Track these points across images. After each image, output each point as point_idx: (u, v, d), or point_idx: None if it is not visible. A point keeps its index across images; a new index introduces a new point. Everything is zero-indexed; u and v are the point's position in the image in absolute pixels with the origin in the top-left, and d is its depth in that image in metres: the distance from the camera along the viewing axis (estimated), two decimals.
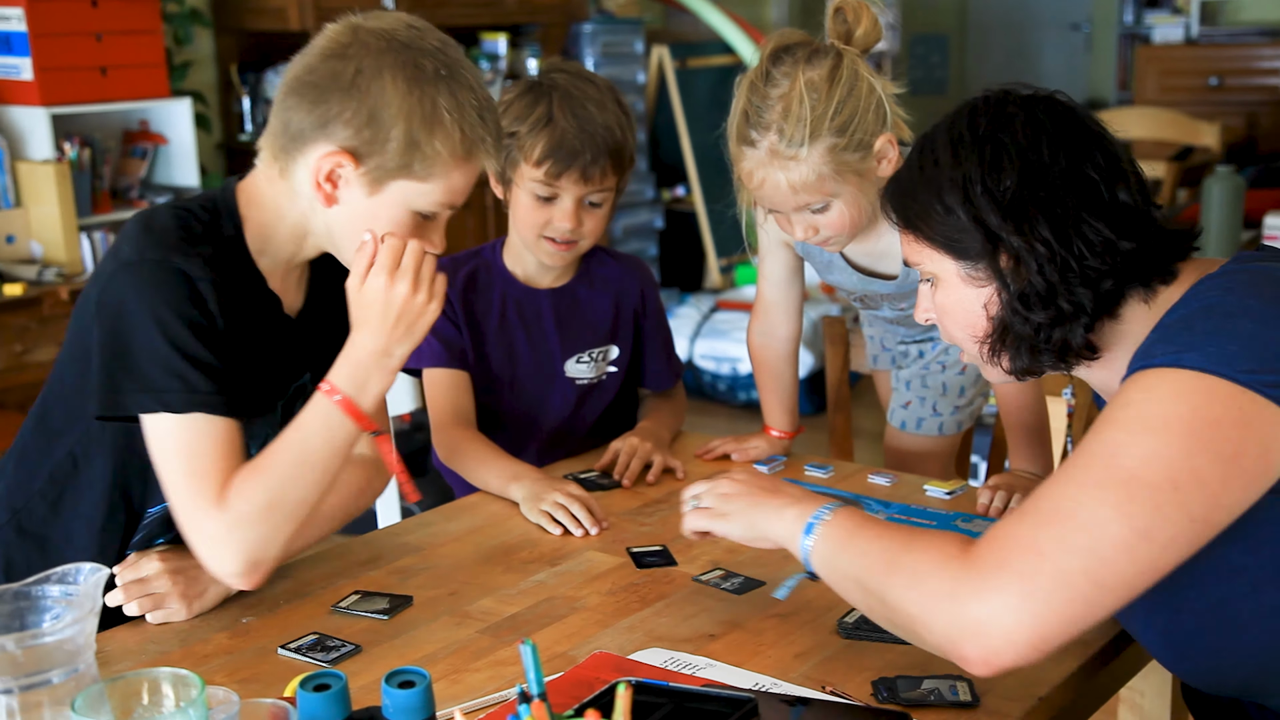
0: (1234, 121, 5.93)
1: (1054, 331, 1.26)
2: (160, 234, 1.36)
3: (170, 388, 1.34)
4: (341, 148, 1.37)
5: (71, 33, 4.05)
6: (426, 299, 1.39)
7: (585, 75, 1.95)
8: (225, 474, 1.36)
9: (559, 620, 1.48)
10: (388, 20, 1.41)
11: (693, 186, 6.08)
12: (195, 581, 1.45)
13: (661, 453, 1.96)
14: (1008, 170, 1.23)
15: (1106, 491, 1.10)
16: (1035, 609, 1.10)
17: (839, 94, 1.68)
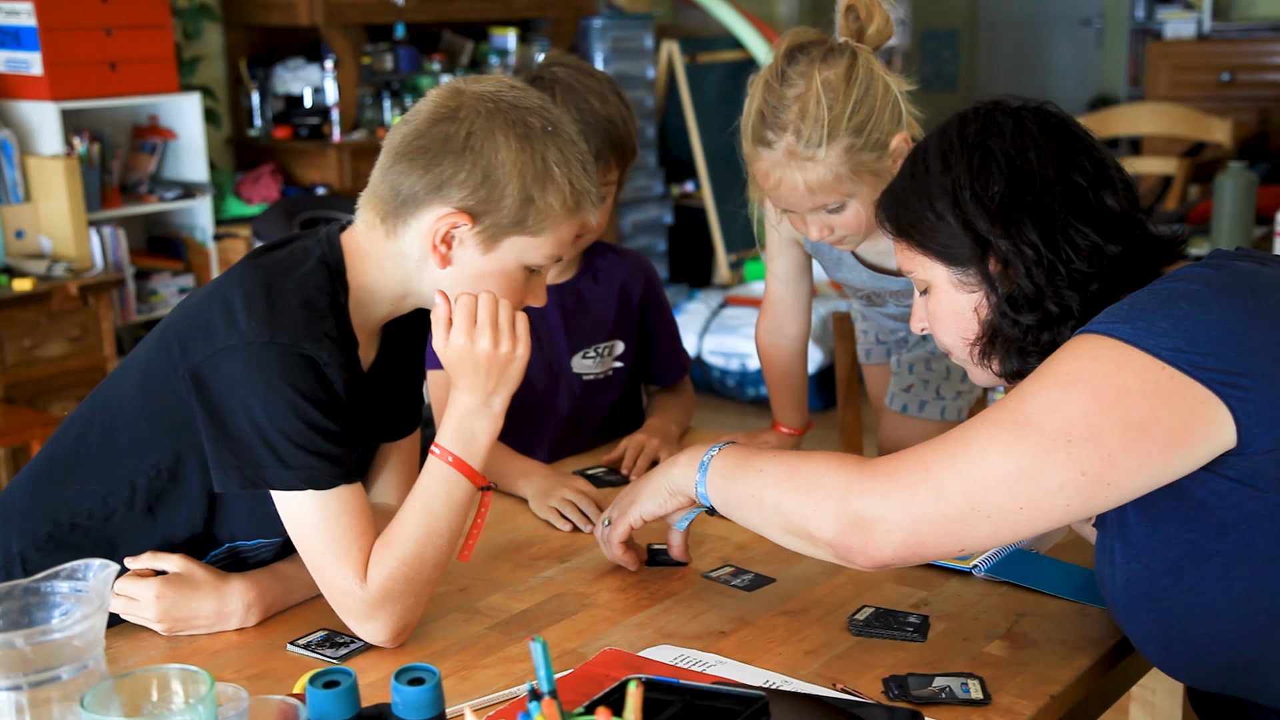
0: (1246, 117, 5.89)
1: (1042, 334, 1.28)
2: (289, 316, 1.35)
3: (312, 465, 1.34)
4: (457, 208, 1.39)
5: (81, 27, 4.05)
6: (511, 346, 1.40)
7: (585, 69, 1.95)
8: (365, 543, 1.37)
9: (569, 617, 1.48)
10: (489, 83, 1.43)
11: (702, 182, 6.07)
12: (182, 621, 1.43)
13: (670, 449, 1.96)
14: (996, 176, 1.27)
15: (1002, 429, 1.18)
16: (913, 513, 1.21)
17: (856, 94, 1.67)
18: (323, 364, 1.36)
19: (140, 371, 1.44)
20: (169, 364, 1.38)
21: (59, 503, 1.47)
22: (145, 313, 4.38)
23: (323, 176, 4.80)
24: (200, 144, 4.44)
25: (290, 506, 1.37)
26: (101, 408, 1.48)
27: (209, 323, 1.36)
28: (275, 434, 1.33)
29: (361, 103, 4.99)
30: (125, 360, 1.51)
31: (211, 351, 1.35)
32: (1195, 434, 1.14)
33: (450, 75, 5.33)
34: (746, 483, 1.35)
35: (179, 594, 1.42)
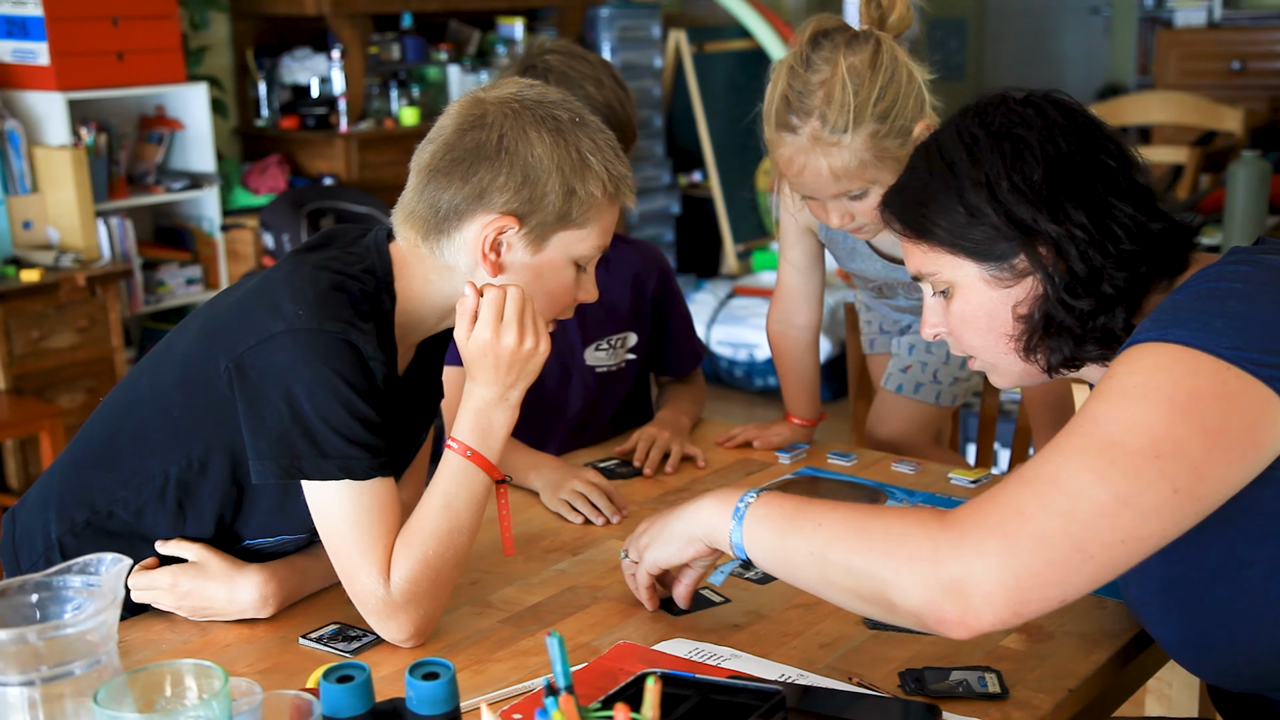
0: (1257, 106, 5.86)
1: (1099, 318, 1.25)
2: (335, 306, 1.35)
3: (351, 455, 1.33)
4: (503, 213, 1.38)
5: (88, 17, 4.04)
6: (534, 344, 1.39)
7: (577, 53, 1.92)
8: (391, 538, 1.36)
9: (582, 610, 1.47)
10: (507, 86, 1.43)
11: (710, 172, 6.05)
12: (198, 608, 1.43)
13: (682, 441, 1.95)
14: (1031, 163, 1.23)
15: (1088, 457, 1.10)
16: (1015, 568, 1.08)
17: (881, 80, 1.67)
18: (367, 355, 1.35)
19: (179, 364, 1.43)
20: (210, 356, 1.37)
21: (96, 490, 1.47)
22: (153, 303, 4.38)
23: (330, 167, 4.79)
24: (207, 134, 4.44)
25: (321, 498, 1.35)
26: (138, 397, 1.47)
27: (254, 314, 1.36)
28: (316, 420, 1.32)
29: (368, 92, 4.98)
30: (158, 350, 1.49)
31: (256, 341, 1.34)
32: (1265, 435, 1.10)
33: (457, 65, 5.31)
34: (803, 539, 1.22)
35: (194, 581, 1.42)
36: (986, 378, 2.12)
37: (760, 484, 1.84)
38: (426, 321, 1.47)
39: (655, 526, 1.40)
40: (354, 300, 1.37)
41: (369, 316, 1.37)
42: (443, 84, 5.31)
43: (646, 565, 1.40)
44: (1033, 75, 9.37)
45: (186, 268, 4.47)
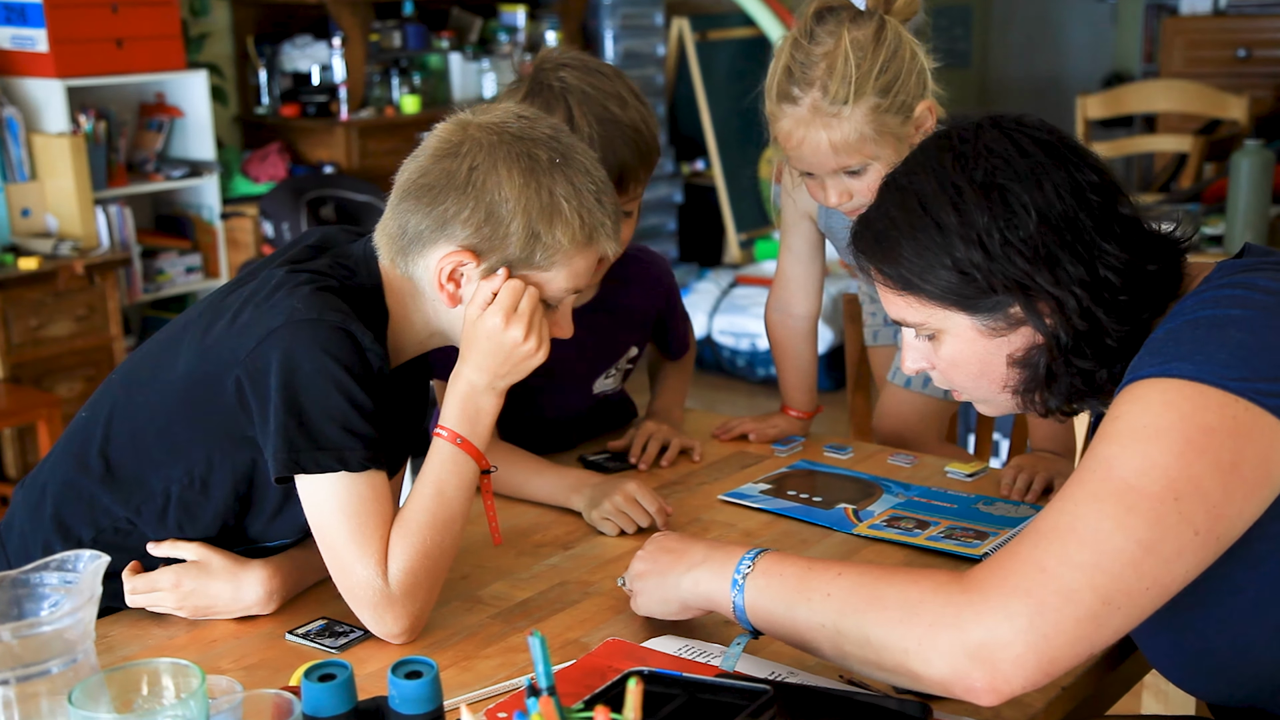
0: (1262, 94, 5.81)
1: (1100, 373, 1.21)
2: (334, 303, 1.34)
3: (347, 445, 1.32)
4: (462, 247, 1.36)
5: (87, 4, 4.03)
6: (535, 346, 1.38)
7: (593, 66, 1.78)
8: (386, 530, 1.35)
9: (572, 606, 1.46)
10: (496, 113, 1.39)
11: (713, 160, 6.03)
12: (201, 608, 1.42)
13: (678, 436, 1.93)
14: (1022, 216, 1.17)
15: (1105, 504, 1.06)
16: (1043, 628, 1.04)
17: (884, 54, 1.66)
18: (365, 347, 1.34)
19: (181, 381, 1.40)
20: (214, 372, 1.36)
21: (99, 509, 1.45)
22: (152, 292, 4.37)
23: (330, 155, 4.78)
24: (207, 122, 4.42)
25: (316, 491, 1.34)
26: (137, 414, 1.44)
27: (252, 321, 1.35)
28: (313, 411, 1.31)
29: (369, 80, 4.96)
30: (151, 363, 1.46)
31: (256, 342, 1.33)
32: (1276, 466, 1.07)
33: (459, 53, 5.29)
34: (812, 611, 1.17)
35: (196, 581, 1.40)
36: None
37: (755, 477, 1.83)
38: (413, 341, 1.46)
39: (654, 577, 1.33)
40: (352, 305, 1.37)
41: (367, 325, 1.37)
42: (444, 72, 5.29)
43: (640, 611, 1.36)
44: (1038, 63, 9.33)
45: (186, 256, 4.47)
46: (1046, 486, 1.73)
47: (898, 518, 1.66)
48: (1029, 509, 1.68)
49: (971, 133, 1.22)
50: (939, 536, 1.59)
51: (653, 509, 1.65)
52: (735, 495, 1.76)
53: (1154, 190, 4.83)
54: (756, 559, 1.24)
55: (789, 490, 1.78)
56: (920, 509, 1.69)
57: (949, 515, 1.66)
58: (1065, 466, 1.78)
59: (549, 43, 5.65)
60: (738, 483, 1.82)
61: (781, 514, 1.70)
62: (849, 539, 1.62)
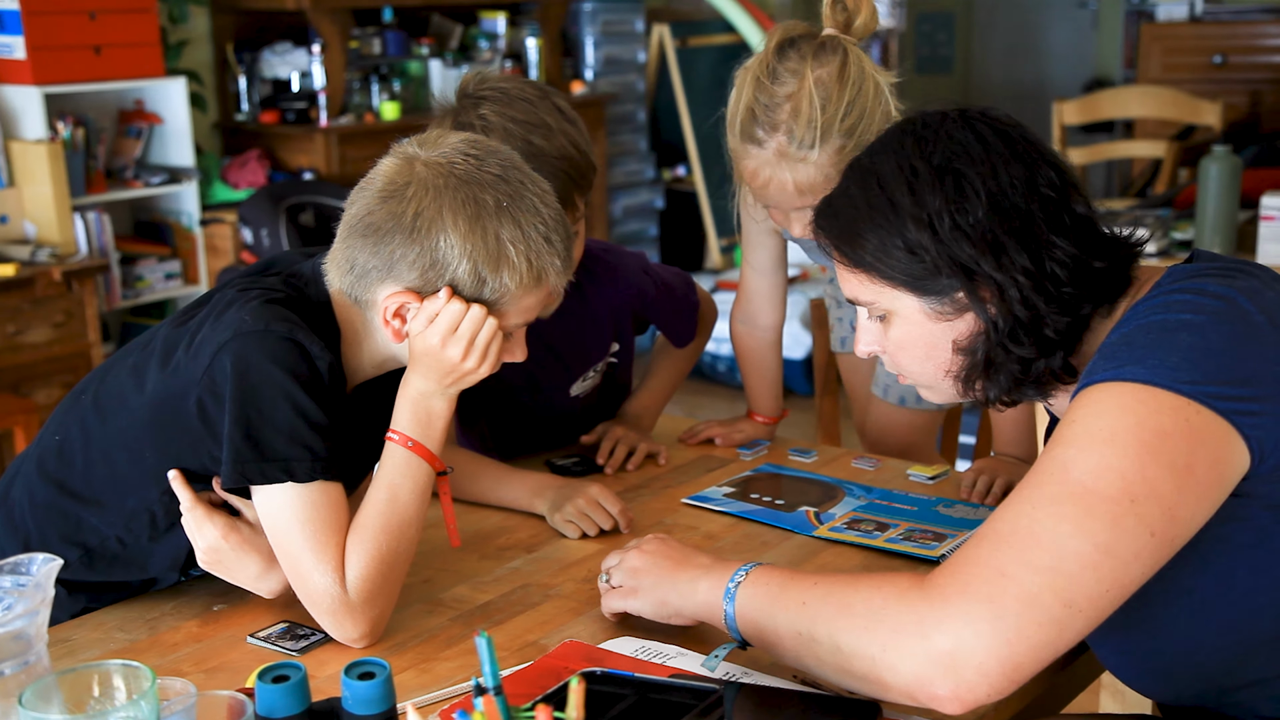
0: (1237, 100, 5.86)
1: (1039, 363, 1.23)
2: (283, 314, 1.35)
3: (296, 456, 1.33)
4: (407, 289, 1.37)
5: (65, 11, 4.03)
6: (476, 364, 1.39)
7: (515, 95, 1.70)
8: (342, 537, 1.36)
9: (532, 608, 1.47)
10: (445, 148, 1.38)
11: (693, 166, 6.05)
12: (224, 569, 1.42)
13: (645, 440, 1.95)
14: (974, 200, 1.20)
15: (1063, 507, 1.07)
16: (1006, 634, 1.05)
17: (849, 94, 1.66)
18: (314, 355, 1.35)
19: (147, 405, 1.41)
20: (176, 391, 1.37)
21: (86, 529, 1.46)
22: (131, 298, 4.37)
23: (310, 161, 4.79)
24: (186, 128, 4.43)
25: (267, 501, 1.35)
26: (109, 438, 1.45)
27: (206, 338, 1.36)
28: (260, 422, 1.32)
29: (349, 87, 4.97)
30: (112, 386, 1.46)
31: (210, 359, 1.34)
32: (1227, 469, 1.10)
33: (439, 59, 5.30)
34: (790, 618, 1.18)
35: (235, 548, 1.40)
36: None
37: (720, 481, 1.85)
38: (367, 365, 1.46)
39: (653, 578, 1.34)
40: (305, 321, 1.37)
41: (319, 340, 1.37)
42: (424, 78, 5.30)
43: (629, 609, 1.37)
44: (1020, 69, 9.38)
45: (165, 262, 4.47)
46: (1006, 489, 1.75)
47: (858, 520, 1.68)
48: (988, 511, 1.70)
49: (936, 119, 1.25)
50: (898, 539, 1.61)
51: (615, 511, 1.67)
52: (699, 498, 1.78)
53: (1130, 195, 4.86)
54: (751, 570, 1.25)
55: (752, 493, 1.80)
56: (881, 511, 1.71)
57: (909, 518, 1.68)
58: (1025, 471, 1.79)
59: (529, 50, 5.66)
60: (702, 486, 1.83)
61: (744, 517, 1.72)
62: (809, 541, 1.64)
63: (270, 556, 1.40)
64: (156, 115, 4.44)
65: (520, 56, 5.68)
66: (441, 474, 1.42)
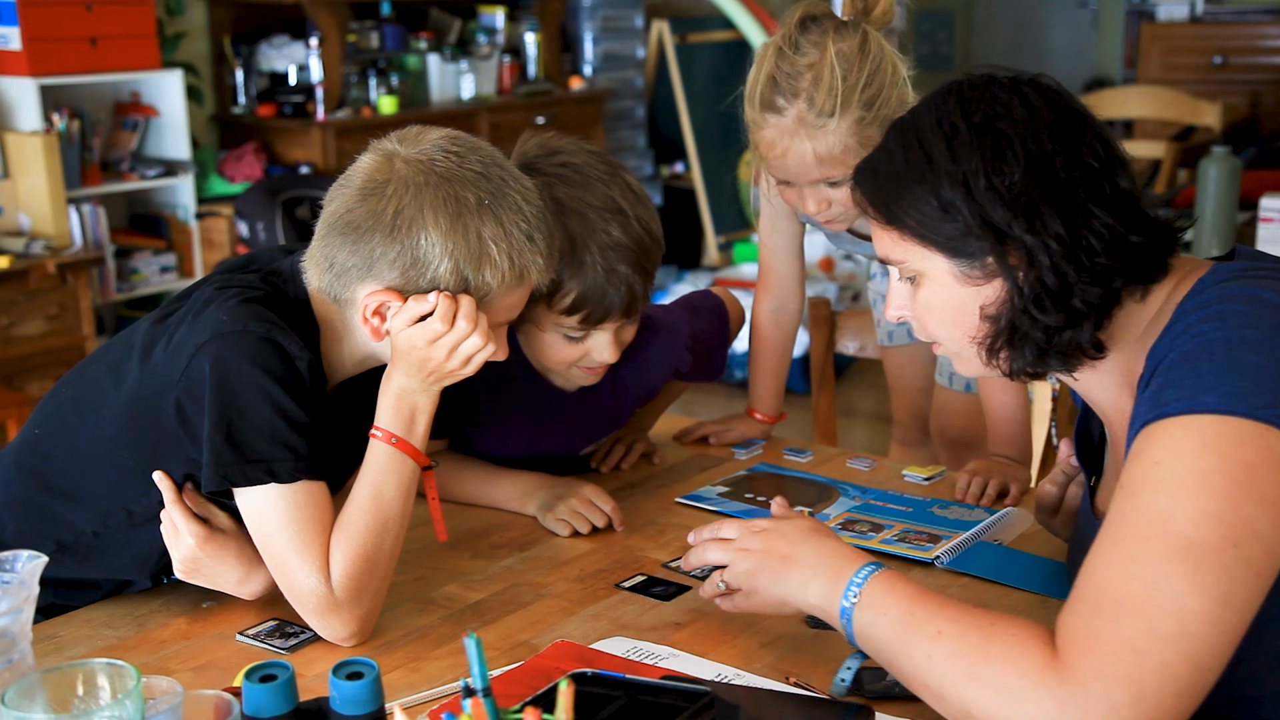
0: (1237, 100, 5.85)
1: (1065, 333, 1.19)
2: (261, 313, 1.34)
3: (276, 457, 1.32)
4: (387, 287, 1.35)
5: (61, 3, 4.02)
6: (459, 366, 1.38)
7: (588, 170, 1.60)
8: (326, 536, 1.35)
9: (524, 607, 1.46)
10: (426, 145, 1.36)
11: (692, 163, 6.04)
12: (203, 575, 1.40)
13: (641, 440, 1.94)
14: (1012, 163, 1.16)
15: (1173, 565, 1.03)
16: (1149, 713, 1.02)
17: (869, 67, 1.67)
18: (293, 355, 1.34)
19: (125, 405, 1.40)
20: (154, 392, 1.36)
21: (62, 525, 1.45)
22: (126, 291, 4.36)
23: (306, 155, 4.77)
24: (182, 121, 4.42)
25: (252, 503, 1.34)
26: (88, 438, 1.44)
27: (183, 339, 1.35)
28: (240, 424, 1.31)
29: (347, 80, 4.95)
30: (93, 383, 1.45)
31: (188, 360, 1.33)
32: None
33: (437, 54, 5.29)
34: (914, 666, 1.14)
35: (213, 556, 1.38)
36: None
37: (714, 480, 1.84)
38: (347, 363, 1.45)
39: (766, 578, 1.28)
40: (283, 319, 1.36)
41: (296, 339, 1.36)
42: (422, 72, 5.28)
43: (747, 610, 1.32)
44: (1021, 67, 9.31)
45: (161, 255, 4.46)
46: (1001, 491, 1.74)
47: (853, 520, 1.67)
48: (983, 513, 1.69)
49: (982, 81, 1.22)
50: (893, 540, 1.60)
51: (607, 509, 1.66)
52: (693, 498, 1.77)
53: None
54: (864, 587, 1.20)
55: (747, 493, 1.79)
56: (876, 512, 1.70)
57: (904, 518, 1.67)
58: (1021, 472, 1.79)
59: (528, 45, 5.65)
60: (696, 485, 1.82)
61: (738, 517, 1.70)
62: None
63: (249, 561, 1.39)
64: (152, 108, 4.43)
65: (519, 51, 5.67)
66: (426, 469, 1.41)
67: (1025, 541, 1.62)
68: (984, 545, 1.59)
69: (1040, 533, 1.64)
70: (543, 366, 1.72)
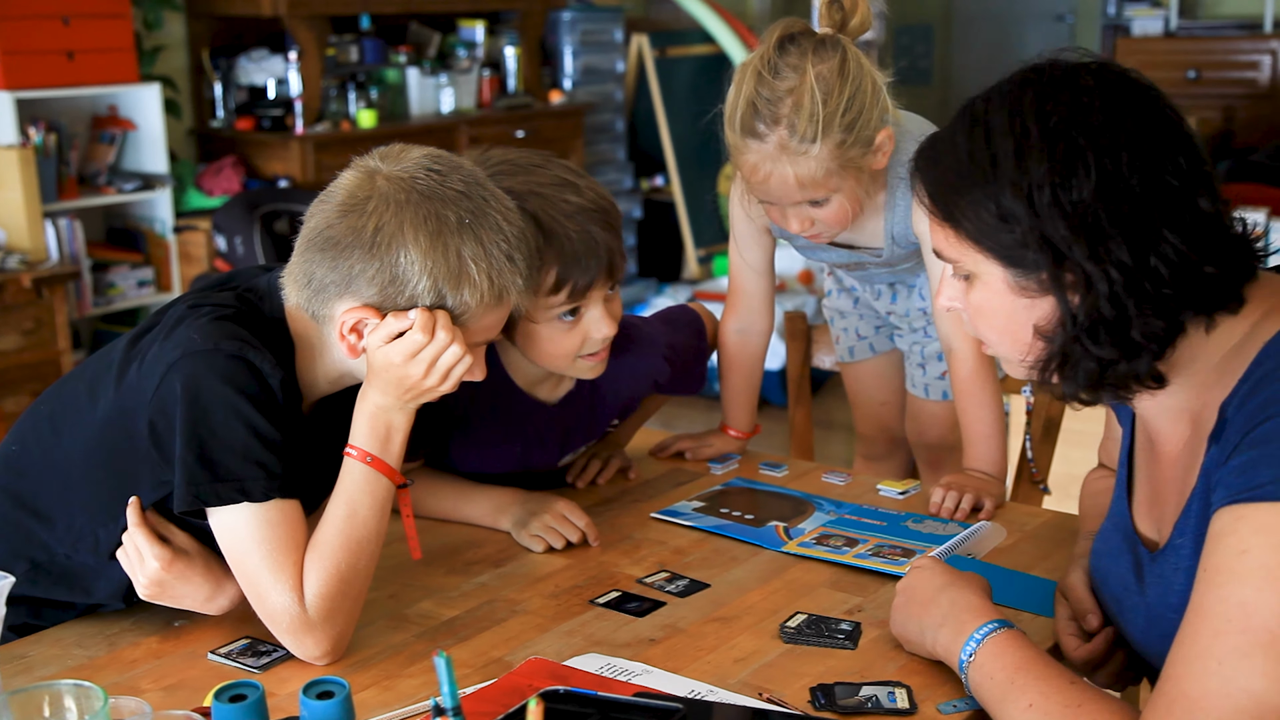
0: (1211, 115, 5.90)
1: (1120, 365, 1.12)
2: (233, 331, 1.34)
3: (250, 475, 1.31)
4: (366, 304, 1.35)
5: (37, 15, 4.01)
6: (437, 383, 1.37)
7: (525, 161, 1.63)
8: (300, 555, 1.34)
9: (498, 624, 1.46)
10: (408, 163, 1.35)
11: (671, 176, 6.05)
12: (168, 598, 1.39)
13: (617, 456, 1.94)
14: (1082, 178, 1.07)
15: (1253, 660, 1.01)
16: None
17: (849, 89, 1.67)
18: (265, 373, 1.33)
19: (99, 424, 1.39)
20: (127, 409, 1.36)
21: (34, 544, 1.44)
22: (102, 305, 4.34)
23: (285, 169, 4.76)
24: (160, 135, 4.40)
25: (223, 522, 1.34)
26: (60, 456, 1.43)
27: (156, 357, 1.34)
28: (213, 443, 1.30)
29: (326, 94, 4.95)
30: (70, 403, 1.44)
31: (159, 379, 1.32)
32: None
33: (417, 67, 5.29)
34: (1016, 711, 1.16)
35: (178, 577, 1.38)
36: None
37: (690, 495, 1.84)
38: (322, 381, 1.44)
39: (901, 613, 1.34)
40: (255, 337, 1.35)
41: (268, 354, 1.35)
42: (402, 86, 5.28)
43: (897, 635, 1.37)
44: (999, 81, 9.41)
45: (138, 269, 4.44)
46: (975, 506, 1.75)
47: (827, 535, 1.67)
48: (957, 527, 1.70)
49: (1067, 73, 1.12)
50: (866, 554, 1.60)
51: (581, 524, 1.66)
52: (668, 513, 1.77)
53: None
54: (980, 645, 1.23)
55: (722, 508, 1.79)
56: (850, 526, 1.70)
57: (878, 533, 1.68)
58: (995, 487, 1.79)
59: (508, 59, 5.66)
60: (672, 500, 1.82)
61: (712, 532, 1.71)
62: (778, 557, 1.63)
63: (214, 579, 1.39)
64: (130, 121, 4.42)
65: (499, 65, 5.67)
66: (401, 486, 1.41)
67: (999, 556, 1.63)
68: (957, 560, 1.59)
69: (1014, 547, 1.65)
70: (531, 380, 1.73)
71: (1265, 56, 6.37)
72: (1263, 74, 6.37)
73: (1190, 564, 1.13)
